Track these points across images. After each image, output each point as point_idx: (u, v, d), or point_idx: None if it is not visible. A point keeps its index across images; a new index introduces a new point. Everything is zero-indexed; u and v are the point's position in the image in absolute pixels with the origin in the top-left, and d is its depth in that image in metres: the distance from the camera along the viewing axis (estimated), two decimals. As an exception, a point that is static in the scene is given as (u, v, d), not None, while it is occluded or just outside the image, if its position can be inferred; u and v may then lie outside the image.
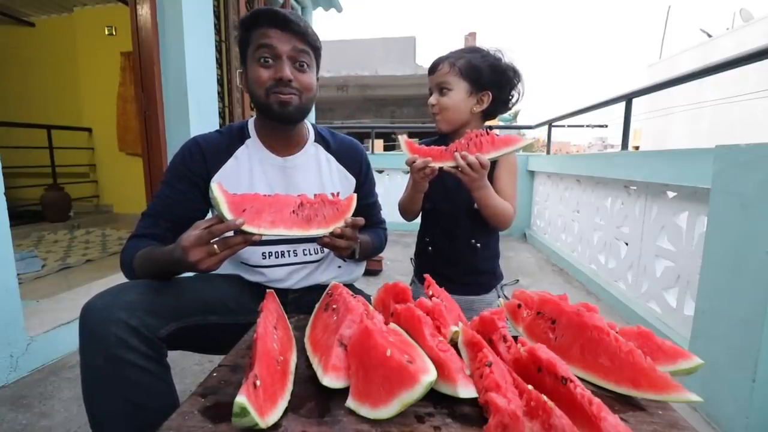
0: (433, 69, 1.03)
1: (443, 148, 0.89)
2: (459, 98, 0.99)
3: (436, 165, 0.86)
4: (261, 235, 0.65)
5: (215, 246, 0.65)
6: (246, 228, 0.64)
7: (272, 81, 0.83)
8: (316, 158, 0.98)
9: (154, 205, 0.87)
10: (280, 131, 0.93)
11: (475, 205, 0.98)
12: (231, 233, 0.66)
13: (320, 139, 1.01)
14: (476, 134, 0.86)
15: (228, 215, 0.64)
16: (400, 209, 1.09)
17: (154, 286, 0.75)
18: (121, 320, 0.64)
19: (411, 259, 1.17)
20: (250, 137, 0.94)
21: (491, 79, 0.99)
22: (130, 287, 0.72)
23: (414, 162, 0.88)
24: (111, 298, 0.68)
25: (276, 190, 0.90)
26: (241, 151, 0.91)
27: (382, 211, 1.13)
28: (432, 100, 1.03)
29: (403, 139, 0.94)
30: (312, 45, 0.87)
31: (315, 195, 0.76)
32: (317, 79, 0.92)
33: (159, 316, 0.70)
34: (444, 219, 1.05)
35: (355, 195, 0.81)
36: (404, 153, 0.91)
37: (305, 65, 0.86)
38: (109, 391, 0.64)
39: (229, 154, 0.91)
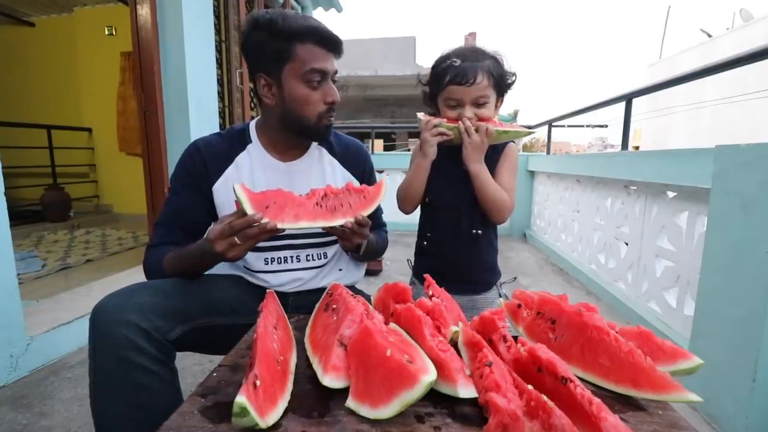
0: (470, 80, 0.92)
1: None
2: (492, 108, 0.98)
3: (451, 125, 0.92)
4: (284, 228, 0.69)
5: (236, 239, 0.68)
6: (267, 222, 0.67)
7: (324, 106, 0.85)
8: (320, 162, 0.97)
9: (165, 214, 0.89)
10: (290, 138, 0.92)
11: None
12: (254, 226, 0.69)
13: (323, 141, 0.99)
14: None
15: (250, 211, 0.67)
16: (399, 196, 1.05)
17: (164, 287, 0.75)
18: (132, 322, 0.64)
19: (408, 260, 1.16)
20: (251, 142, 0.92)
21: (505, 87, 0.99)
22: (141, 289, 0.72)
23: (428, 121, 0.94)
24: (122, 299, 0.68)
25: None
26: (242, 158, 0.90)
27: (383, 214, 1.12)
28: (469, 113, 0.94)
29: (420, 114, 0.99)
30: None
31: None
32: None
33: (169, 319, 0.70)
34: (446, 212, 1.03)
35: (384, 181, 0.83)
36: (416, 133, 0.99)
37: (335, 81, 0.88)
38: (117, 395, 0.64)
39: (229, 160, 0.90)
